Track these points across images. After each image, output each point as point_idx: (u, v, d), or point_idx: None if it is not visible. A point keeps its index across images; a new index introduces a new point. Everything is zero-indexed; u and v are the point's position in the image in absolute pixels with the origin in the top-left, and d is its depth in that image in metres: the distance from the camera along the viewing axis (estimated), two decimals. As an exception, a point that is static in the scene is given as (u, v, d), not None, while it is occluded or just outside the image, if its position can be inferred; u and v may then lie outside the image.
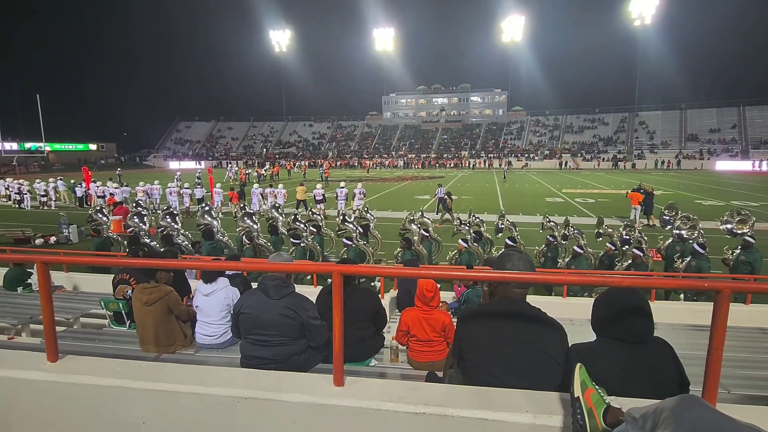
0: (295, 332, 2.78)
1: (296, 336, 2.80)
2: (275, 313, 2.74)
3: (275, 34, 74.98)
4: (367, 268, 2.69)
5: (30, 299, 5.62)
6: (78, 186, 21.93)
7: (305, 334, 2.83)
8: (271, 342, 2.75)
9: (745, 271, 7.37)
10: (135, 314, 3.62)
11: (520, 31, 68.72)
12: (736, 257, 7.66)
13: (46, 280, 2.18)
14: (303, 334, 2.83)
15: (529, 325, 1.87)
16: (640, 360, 1.71)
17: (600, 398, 1.46)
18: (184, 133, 76.42)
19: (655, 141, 57.74)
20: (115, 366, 2.15)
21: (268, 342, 2.75)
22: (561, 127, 65.55)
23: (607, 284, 1.90)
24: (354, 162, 60.26)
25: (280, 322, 2.73)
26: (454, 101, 74.49)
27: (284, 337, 2.75)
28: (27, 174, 42.54)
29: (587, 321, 5.12)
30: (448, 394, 1.86)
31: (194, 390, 1.94)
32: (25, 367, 2.12)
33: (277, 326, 2.74)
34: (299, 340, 2.82)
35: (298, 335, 2.80)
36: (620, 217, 16.37)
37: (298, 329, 2.79)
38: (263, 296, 2.78)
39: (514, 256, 1.95)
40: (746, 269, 7.41)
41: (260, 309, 2.76)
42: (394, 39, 73.39)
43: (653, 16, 61.20)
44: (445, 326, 3.54)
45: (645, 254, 7.80)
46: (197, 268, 4.05)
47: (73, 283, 6.92)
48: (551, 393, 1.80)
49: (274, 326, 2.74)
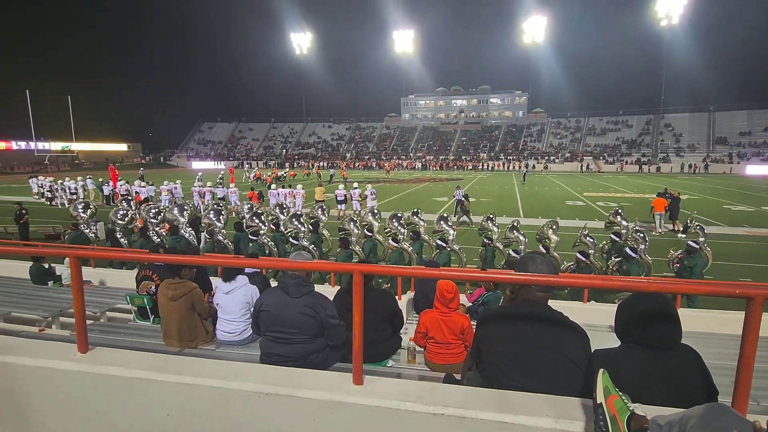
0: (314, 330, 2.81)
1: (315, 334, 2.83)
2: (295, 311, 2.77)
3: (296, 36, 75.91)
4: (387, 268, 2.70)
5: (59, 293, 5.83)
6: (105, 185, 22.65)
7: (323, 332, 2.86)
8: (290, 340, 2.78)
9: (686, 275, 7.59)
10: (160, 309, 3.71)
11: (542, 32, 67.74)
12: (681, 261, 7.92)
13: (79, 275, 2.27)
14: (321, 333, 2.85)
15: (551, 329, 1.85)
16: (666, 367, 1.67)
17: (624, 405, 1.44)
18: (207, 133, 78.05)
19: (681, 144, 56.03)
20: (141, 359, 2.22)
21: (287, 339, 2.79)
22: (583, 129, 64.28)
23: (630, 289, 1.86)
24: (372, 163, 60.42)
25: (300, 320, 2.77)
26: (474, 103, 73.90)
27: (303, 335, 2.79)
28: (58, 173, 44.13)
29: (609, 327, 5.01)
30: (467, 396, 1.85)
31: (216, 384, 1.98)
32: (57, 358, 2.20)
33: (297, 324, 2.77)
34: (318, 339, 2.85)
35: (316, 333, 2.83)
36: (643, 222, 15.95)
37: (317, 327, 2.82)
38: (283, 294, 2.82)
39: (537, 258, 1.93)
40: (687, 273, 7.63)
41: (280, 307, 2.80)
42: (413, 41, 73.35)
43: (681, 16, 59.44)
44: (464, 329, 3.51)
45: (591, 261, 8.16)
46: (217, 265, 4.14)
47: (99, 279, 7.15)
48: (573, 398, 1.77)
49: (293, 324, 2.77)
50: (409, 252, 9.24)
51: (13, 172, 48.30)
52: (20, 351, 2.25)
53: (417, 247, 9.36)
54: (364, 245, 9.42)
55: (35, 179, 25.37)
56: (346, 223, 9.98)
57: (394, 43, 73.96)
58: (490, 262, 8.88)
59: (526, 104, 70.89)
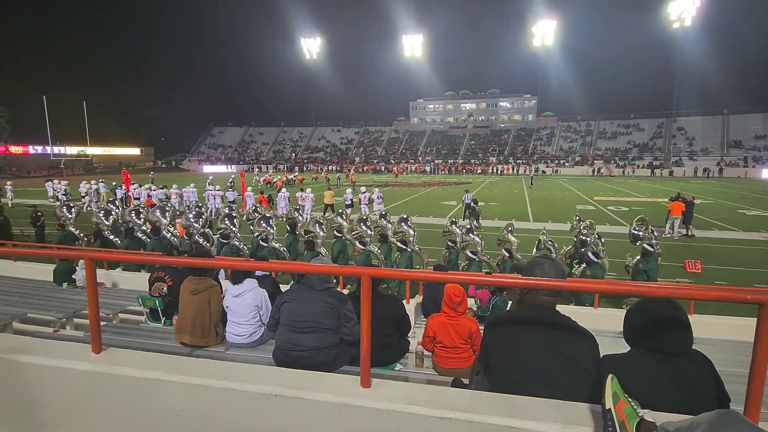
0: (332, 322, 2.97)
1: (332, 327, 2.97)
2: (317, 303, 2.95)
3: (306, 41, 76.60)
4: (395, 272, 2.72)
5: (73, 294, 5.94)
6: (118, 188, 23.01)
7: (340, 326, 3.00)
8: (309, 329, 2.93)
9: (642, 279, 7.58)
10: (180, 303, 3.79)
11: (552, 35, 67.48)
12: (635, 264, 7.96)
13: (93, 276, 2.32)
14: (338, 327, 3.00)
15: (559, 334, 1.84)
16: (676, 373, 1.65)
17: (633, 411, 1.43)
18: (218, 138, 78.98)
19: (694, 147, 55.25)
20: (153, 359, 2.26)
21: (306, 329, 2.94)
22: (593, 132, 63.75)
23: (640, 294, 1.85)
24: (380, 167, 60.57)
25: (321, 311, 2.94)
26: (483, 106, 73.79)
27: (321, 325, 2.94)
28: (72, 176, 44.96)
29: (618, 333, 4.95)
30: (475, 400, 1.85)
31: (226, 385, 2.01)
32: (72, 358, 2.25)
33: (317, 315, 2.94)
34: (334, 333, 2.99)
35: (333, 326, 2.98)
36: (656, 227, 15.73)
37: (335, 320, 2.97)
38: (307, 288, 3.03)
39: (545, 263, 1.93)
40: (643, 277, 7.63)
41: (303, 298, 3.01)
42: (422, 45, 73.60)
43: (693, 18, 58.78)
44: (472, 333, 3.51)
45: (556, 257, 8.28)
46: (232, 267, 4.19)
47: (112, 281, 7.26)
48: (581, 404, 1.76)
49: (314, 315, 2.94)
50: (376, 254, 9.36)
51: (30, 176, 49.30)
52: (37, 351, 2.31)
53: (385, 250, 9.45)
54: (333, 245, 9.52)
55: (51, 183, 25.87)
56: (311, 226, 10.04)
57: (403, 48, 74.34)
58: (454, 264, 9.00)
59: (536, 108, 70.60)
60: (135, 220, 10.33)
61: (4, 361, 2.25)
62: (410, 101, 76.79)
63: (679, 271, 10.26)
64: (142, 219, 10.64)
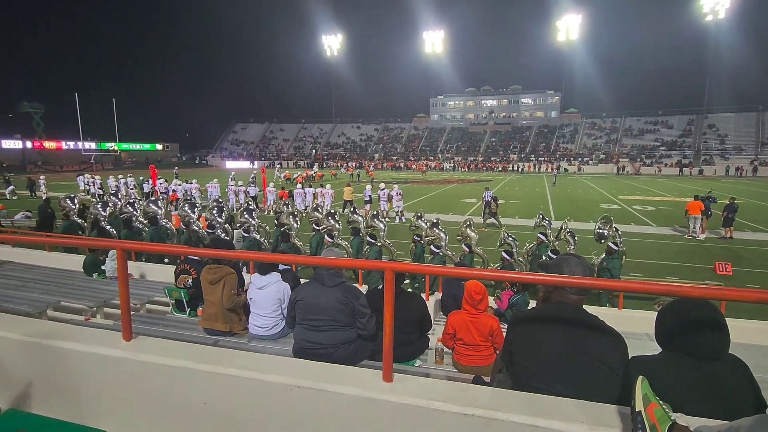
0: (347, 319, 2.96)
1: (347, 323, 2.97)
2: (329, 300, 2.94)
3: (327, 38, 76.92)
4: (419, 267, 2.71)
5: (103, 284, 6.16)
6: (146, 183, 23.68)
7: (355, 322, 2.99)
8: (324, 327, 2.93)
9: (605, 277, 7.60)
10: (203, 292, 3.94)
11: (577, 29, 65.83)
12: (600, 263, 8.08)
13: (124, 266, 2.40)
14: (353, 322, 2.99)
15: (586, 333, 1.80)
16: (711, 377, 1.59)
17: (665, 414, 1.39)
18: (240, 134, 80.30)
19: (726, 145, 53.12)
20: (181, 348, 2.32)
21: (321, 327, 2.94)
22: (619, 129, 62.02)
23: (672, 294, 1.79)
24: (400, 164, 60.46)
25: (334, 308, 2.92)
26: (504, 103, 72.66)
27: (337, 322, 2.93)
28: (102, 171, 46.50)
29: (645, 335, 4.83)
30: (498, 398, 1.83)
31: (252, 376, 2.04)
32: (105, 345, 2.33)
33: (331, 312, 2.93)
34: (350, 329, 2.99)
35: (348, 322, 2.98)
36: (684, 228, 15.24)
37: (350, 316, 2.97)
38: (318, 285, 3.00)
39: (572, 260, 1.89)
40: (606, 275, 7.69)
41: (316, 296, 2.98)
42: (443, 41, 72.91)
43: (727, 10, 56.34)
44: (493, 331, 3.48)
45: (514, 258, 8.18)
46: (252, 260, 4.27)
47: (139, 272, 7.50)
48: (608, 405, 1.72)
49: (328, 312, 2.93)
50: (345, 247, 9.56)
51: (63, 170, 51.21)
52: (72, 337, 2.40)
53: (356, 243, 9.55)
54: (311, 239, 9.83)
55: (82, 177, 26.84)
56: (284, 218, 10.14)
57: (423, 44, 73.91)
58: (419, 257, 9.09)
59: (559, 104, 69.07)
60: (132, 211, 10.77)
61: (42, 346, 2.36)
62: (430, 98, 76.26)
63: (708, 273, 9.90)
64: (138, 210, 11.08)
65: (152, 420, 2.23)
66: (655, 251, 12.06)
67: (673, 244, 13.20)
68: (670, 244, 13.19)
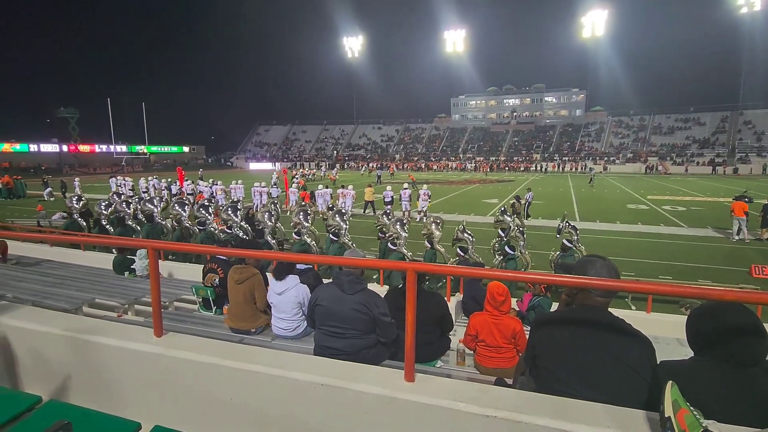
0: (366, 326, 2.88)
1: (367, 330, 2.90)
2: (348, 308, 2.86)
3: (348, 40, 77.46)
4: (440, 267, 2.70)
5: (134, 282, 6.38)
6: (173, 184, 24.40)
7: (375, 329, 2.92)
8: (344, 334, 2.87)
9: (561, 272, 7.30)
10: (229, 292, 4.02)
11: (603, 26, 64.13)
12: (556, 259, 8.23)
13: (156, 265, 2.49)
14: (373, 329, 2.92)
15: (612, 336, 1.76)
16: (748, 384, 1.53)
17: (695, 420, 1.35)
18: (263, 136, 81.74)
19: (763, 143, 50.69)
20: (210, 345, 2.40)
21: (340, 334, 2.88)
22: (647, 127, 60.06)
23: (703, 297, 1.74)
24: (421, 164, 60.27)
25: (352, 316, 2.85)
26: (527, 102, 71.45)
27: (356, 330, 2.86)
28: (132, 173, 48.19)
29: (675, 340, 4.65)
30: (521, 400, 1.82)
31: (277, 373, 2.09)
32: (138, 340, 2.44)
33: (350, 320, 2.86)
34: (370, 335, 2.92)
35: (368, 330, 2.90)
36: (717, 229, 14.64)
37: (369, 324, 2.88)
38: (338, 290, 2.92)
39: (597, 262, 1.85)
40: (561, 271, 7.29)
41: (334, 302, 2.90)
42: (464, 40, 72.32)
43: (763, 2, 53.74)
44: (516, 333, 3.44)
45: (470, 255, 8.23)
46: (274, 259, 4.34)
47: (168, 271, 7.73)
48: (635, 410, 1.68)
49: (346, 320, 2.86)
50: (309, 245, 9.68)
51: (96, 172, 53.34)
52: (107, 333, 2.51)
53: (335, 248, 9.56)
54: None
55: (114, 179, 27.85)
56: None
57: (444, 43, 73.48)
58: (384, 253, 9.24)
59: (584, 102, 67.42)
60: (125, 209, 11.16)
61: (79, 341, 2.47)
62: (451, 98, 75.72)
63: (744, 276, 9.49)
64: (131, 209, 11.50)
65: (182, 413, 2.31)
66: (686, 253, 11.64)
67: (705, 246, 12.70)
68: (702, 246, 12.70)
